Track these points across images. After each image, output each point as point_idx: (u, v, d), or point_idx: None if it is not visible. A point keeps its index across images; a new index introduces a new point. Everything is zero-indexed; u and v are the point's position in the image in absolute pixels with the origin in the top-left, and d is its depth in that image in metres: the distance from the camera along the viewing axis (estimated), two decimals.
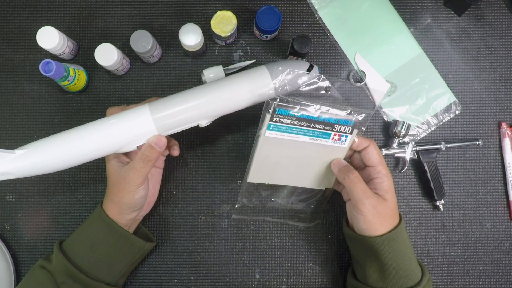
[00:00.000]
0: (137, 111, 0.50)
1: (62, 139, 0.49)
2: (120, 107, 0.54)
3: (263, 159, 0.56)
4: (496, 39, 0.66)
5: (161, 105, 0.50)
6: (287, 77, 0.52)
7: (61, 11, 0.65)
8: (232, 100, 0.51)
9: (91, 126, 0.50)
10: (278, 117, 0.52)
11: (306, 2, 0.66)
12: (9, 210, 0.63)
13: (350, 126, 0.53)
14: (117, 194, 0.52)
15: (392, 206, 0.53)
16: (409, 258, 0.53)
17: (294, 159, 0.57)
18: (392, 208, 0.53)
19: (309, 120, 0.53)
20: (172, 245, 0.64)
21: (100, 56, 0.58)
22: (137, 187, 0.51)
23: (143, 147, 0.50)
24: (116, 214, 0.53)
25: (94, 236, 0.53)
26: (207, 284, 0.63)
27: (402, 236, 0.53)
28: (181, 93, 0.52)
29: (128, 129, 0.49)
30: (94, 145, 0.49)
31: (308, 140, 0.55)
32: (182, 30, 0.58)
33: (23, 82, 0.64)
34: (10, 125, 0.64)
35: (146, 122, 0.49)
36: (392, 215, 0.53)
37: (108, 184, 0.53)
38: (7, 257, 0.61)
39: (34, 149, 0.49)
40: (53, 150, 0.49)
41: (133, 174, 0.50)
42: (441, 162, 0.65)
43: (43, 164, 0.48)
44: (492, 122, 0.66)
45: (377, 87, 0.65)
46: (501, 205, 0.65)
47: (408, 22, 0.66)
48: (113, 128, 0.49)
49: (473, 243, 0.65)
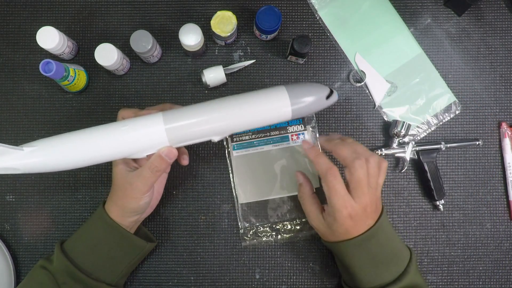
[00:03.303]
0: (150, 119, 0.49)
1: (72, 140, 0.48)
2: (133, 111, 0.53)
3: (244, 178, 0.63)
4: (496, 39, 0.66)
5: (175, 116, 0.49)
6: (306, 100, 0.51)
7: (61, 11, 0.65)
8: (248, 118, 0.50)
9: (103, 130, 0.49)
10: (236, 136, 0.61)
11: (306, 2, 0.66)
12: (9, 210, 0.63)
13: (300, 124, 0.62)
14: (122, 198, 0.52)
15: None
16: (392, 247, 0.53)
17: (273, 169, 0.62)
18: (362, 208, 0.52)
19: (263, 131, 0.62)
20: (172, 245, 0.64)
21: (100, 56, 0.58)
22: (143, 194, 0.51)
23: (153, 157, 0.49)
24: (118, 217, 0.53)
25: (96, 237, 0.53)
26: (207, 284, 0.63)
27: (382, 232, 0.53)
28: (196, 106, 0.50)
29: (140, 137, 0.48)
30: (104, 150, 0.48)
31: (272, 148, 0.62)
32: (182, 30, 0.58)
33: (23, 82, 0.64)
34: (10, 125, 0.64)
35: (158, 133, 0.48)
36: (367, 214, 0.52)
37: (113, 187, 0.53)
38: (7, 257, 0.61)
39: (43, 147, 0.48)
40: (62, 151, 0.48)
41: (140, 182, 0.50)
42: (441, 162, 0.65)
43: (50, 163, 0.48)
44: (492, 122, 0.66)
45: (377, 87, 0.65)
46: (501, 205, 0.65)
47: (408, 22, 0.66)
48: (125, 135, 0.48)
49: (473, 243, 0.65)
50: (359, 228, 0.51)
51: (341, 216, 0.50)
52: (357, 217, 0.50)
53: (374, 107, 0.66)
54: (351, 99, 0.66)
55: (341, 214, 0.50)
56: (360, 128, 0.65)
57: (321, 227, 0.54)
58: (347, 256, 0.52)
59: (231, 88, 0.65)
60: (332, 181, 0.50)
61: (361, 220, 0.51)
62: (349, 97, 0.66)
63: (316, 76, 0.65)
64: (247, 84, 0.65)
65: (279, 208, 0.63)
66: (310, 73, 0.65)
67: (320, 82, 0.65)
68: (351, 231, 0.51)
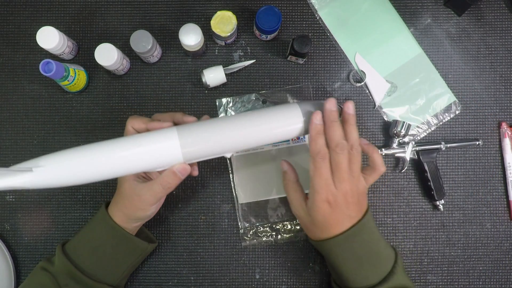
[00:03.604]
0: (165, 136, 0.48)
1: (82, 158, 0.46)
2: (143, 120, 0.51)
3: (244, 178, 0.62)
4: (496, 39, 0.66)
5: (191, 134, 0.48)
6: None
7: (61, 11, 0.65)
8: (263, 136, 0.50)
9: (115, 146, 0.47)
10: None
11: (306, 2, 0.66)
12: (9, 210, 0.63)
13: None
14: (129, 207, 0.52)
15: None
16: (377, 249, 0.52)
17: (272, 170, 0.62)
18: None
19: None
20: (172, 245, 0.64)
21: (100, 56, 0.58)
22: (151, 205, 0.52)
23: (166, 173, 0.49)
24: (123, 222, 0.53)
25: (98, 239, 0.53)
26: (207, 284, 0.63)
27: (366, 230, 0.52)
28: (211, 123, 0.49)
29: (155, 155, 0.47)
30: (116, 168, 0.47)
31: (272, 148, 0.62)
32: (182, 30, 0.58)
33: (23, 82, 0.64)
34: (10, 125, 0.64)
35: (173, 151, 0.47)
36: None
37: (120, 195, 0.53)
38: (7, 257, 0.61)
39: (51, 166, 0.46)
40: (72, 169, 0.46)
41: (150, 195, 0.50)
42: (441, 162, 0.65)
43: (58, 181, 0.46)
44: (492, 122, 0.66)
45: (377, 87, 0.65)
46: (501, 205, 0.65)
47: (408, 22, 0.66)
48: (139, 154, 0.47)
49: (473, 243, 0.65)
50: (339, 218, 0.50)
51: (319, 199, 0.49)
52: (335, 204, 0.49)
53: (374, 107, 0.66)
54: (351, 99, 0.66)
55: (319, 196, 0.49)
56: (360, 128, 0.65)
57: (303, 215, 0.52)
58: (332, 255, 0.52)
59: (231, 88, 0.65)
60: (319, 163, 0.49)
61: (340, 209, 0.49)
62: (349, 97, 0.66)
63: (316, 76, 0.65)
64: (247, 84, 0.65)
65: (279, 208, 0.63)
66: (310, 73, 0.65)
67: (320, 82, 0.65)
68: (330, 220, 0.50)
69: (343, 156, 0.49)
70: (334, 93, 0.65)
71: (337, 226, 0.50)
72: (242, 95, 0.64)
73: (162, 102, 0.65)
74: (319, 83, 0.65)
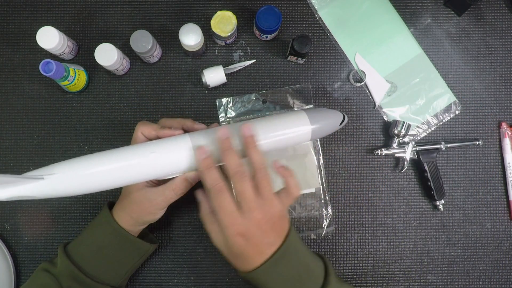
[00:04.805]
0: (179, 145, 0.47)
1: (94, 167, 0.45)
2: (153, 127, 0.51)
3: None
4: (496, 39, 0.66)
5: (204, 142, 0.48)
6: (324, 124, 0.53)
7: (61, 11, 0.65)
8: (272, 142, 0.50)
9: (129, 154, 0.46)
10: None
11: (306, 2, 0.66)
12: (9, 210, 0.63)
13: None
14: (137, 212, 0.52)
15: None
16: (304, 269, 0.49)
17: (272, 169, 0.60)
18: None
19: None
20: (172, 245, 0.64)
21: (100, 56, 0.58)
22: (161, 210, 0.52)
23: (179, 180, 0.49)
24: (129, 225, 0.53)
25: (101, 241, 0.53)
26: (207, 284, 0.63)
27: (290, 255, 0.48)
28: (220, 130, 0.49)
29: (168, 164, 0.47)
30: (129, 176, 0.46)
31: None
32: (182, 30, 0.58)
33: (23, 82, 0.64)
34: (10, 125, 0.64)
35: (187, 159, 0.47)
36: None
37: (128, 199, 0.52)
38: (7, 257, 0.61)
39: (63, 174, 0.44)
40: (84, 178, 0.45)
41: (162, 201, 0.50)
42: (441, 162, 0.65)
43: (70, 190, 0.45)
44: (492, 122, 0.66)
45: (377, 87, 0.65)
46: (501, 205, 0.65)
47: (408, 22, 0.66)
48: (153, 162, 0.46)
49: (473, 243, 0.65)
50: (258, 248, 0.46)
51: (229, 234, 0.45)
52: (249, 235, 0.45)
53: (374, 107, 0.66)
54: (351, 99, 0.66)
55: (229, 231, 0.45)
56: (360, 128, 0.65)
57: (223, 248, 0.48)
58: (261, 285, 0.48)
59: (231, 88, 0.65)
60: (218, 198, 0.45)
61: (256, 239, 0.46)
62: (349, 97, 0.66)
63: (316, 76, 0.65)
64: (247, 84, 0.65)
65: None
66: (310, 73, 0.65)
67: (320, 82, 0.65)
68: (248, 252, 0.46)
69: (246, 184, 0.46)
70: (334, 93, 0.66)
71: (258, 256, 0.47)
72: (242, 95, 0.64)
73: (162, 102, 0.65)
74: (319, 83, 0.65)
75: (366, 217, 0.65)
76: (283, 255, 0.47)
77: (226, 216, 0.45)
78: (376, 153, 0.63)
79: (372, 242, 0.65)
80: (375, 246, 0.65)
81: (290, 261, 0.48)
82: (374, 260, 0.65)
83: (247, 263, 0.47)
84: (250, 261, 0.47)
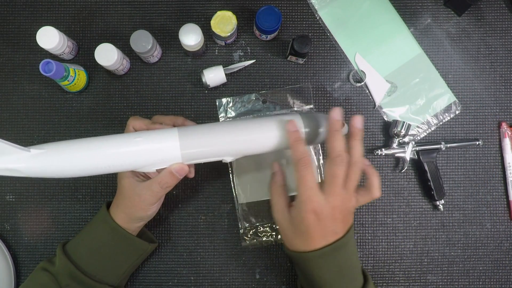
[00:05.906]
0: (165, 134, 0.48)
1: (82, 147, 0.46)
2: (144, 122, 0.52)
3: (244, 178, 0.62)
4: (496, 39, 0.66)
5: (191, 134, 0.48)
6: (319, 127, 0.52)
7: (61, 11, 0.65)
8: (264, 142, 0.50)
9: (115, 139, 0.47)
10: None
11: (306, 2, 0.66)
12: (9, 210, 0.63)
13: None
14: (130, 208, 0.52)
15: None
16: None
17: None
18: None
19: None
20: (172, 245, 0.64)
21: (100, 56, 0.58)
22: (151, 205, 0.52)
23: (164, 172, 0.49)
24: (124, 223, 0.53)
25: (99, 240, 0.53)
26: (207, 284, 0.63)
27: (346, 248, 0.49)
28: (213, 126, 0.50)
29: (153, 151, 0.47)
30: (114, 160, 0.46)
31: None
32: (182, 30, 0.58)
33: (23, 82, 0.64)
34: (10, 125, 0.64)
35: (172, 149, 0.47)
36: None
37: (120, 195, 0.53)
38: (7, 257, 0.61)
39: (51, 151, 0.45)
40: (71, 157, 0.45)
41: (149, 195, 0.50)
42: (441, 162, 0.65)
43: (56, 169, 0.46)
44: (492, 122, 0.66)
45: (377, 87, 0.65)
46: (501, 205, 0.65)
47: (408, 22, 0.66)
48: (138, 147, 0.47)
49: (473, 243, 0.65)
50: (323, 232, 0.47)
51: (305, 209, 0.46)
52: (322, 216, 0.46)
53: (374, 107, 0.66)
54: (351, 99, 0.66)
55: (305, 206, 0.46)
56: None
57: (284, 222, 0.49)
58: (313, 266, 0.48)
59: (231, 88, 0.65)
60: (302, 170, 0.46)
61: (326, 222, 0.46)
62: (349, 97, 0.66)
63: (316, 76, 0.65)
64: (247, 84, 0.65)
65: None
66: (310, 73, 0.65)
67: (320, 82, 0.65)
68: (313, 233, 0.47)
69: (341, 169, 0.46)
70: (334, 93, 0.66)
71: (320, 239, 0.47)
72: (242, 95, 0.64)
73: (162, 102, 0.65)
74: (319, 83, 0.65)
75: (366, 217, 0.65)
76: (341, 247, 0.48)
77: (307, 190, 0.46)
78: (376, 153, 0.63)
79: (372, 242, 0.65)
80: (375, 246, 0.65)
81: (343, 255, 0.49)
82: (374, 260, 0.65)
83: (307, 243, 0.47)
84: (311, 241, 0.47)
